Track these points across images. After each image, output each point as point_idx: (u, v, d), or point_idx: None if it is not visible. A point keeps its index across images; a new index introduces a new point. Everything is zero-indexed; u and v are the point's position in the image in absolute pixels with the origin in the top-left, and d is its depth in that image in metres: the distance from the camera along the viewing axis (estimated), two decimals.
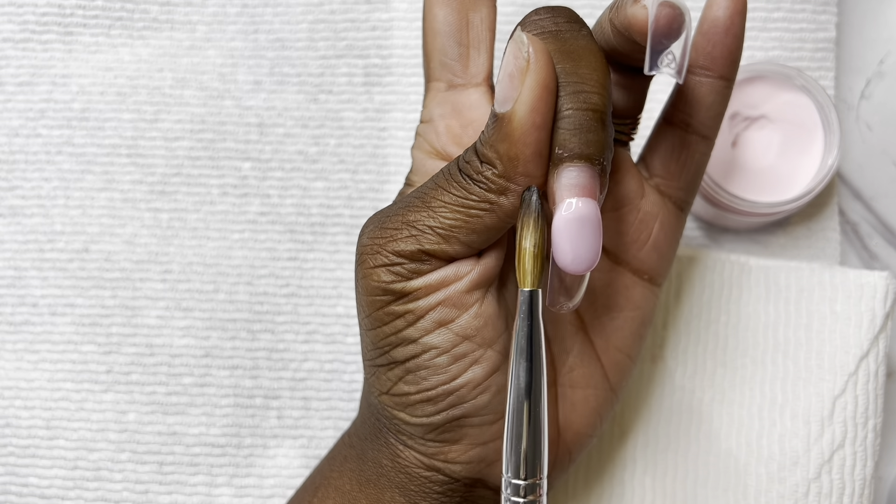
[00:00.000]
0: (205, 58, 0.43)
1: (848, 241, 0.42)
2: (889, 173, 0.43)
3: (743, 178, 0.40)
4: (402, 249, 0.28)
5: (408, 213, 0.28)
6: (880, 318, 0.38)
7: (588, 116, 0.26)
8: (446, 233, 0.27)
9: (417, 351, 0.28)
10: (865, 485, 0.37)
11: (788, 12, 0.42)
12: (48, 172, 0.43)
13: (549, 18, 0.27)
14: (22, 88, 0.43)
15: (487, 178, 0.27)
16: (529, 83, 0.25)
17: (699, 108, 0.31)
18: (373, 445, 0.31)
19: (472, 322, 0.28)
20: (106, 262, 0.42)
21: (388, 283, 0.28)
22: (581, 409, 0.32)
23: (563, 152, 0.26)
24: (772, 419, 0.38)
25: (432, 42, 0.30)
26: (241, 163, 0.43)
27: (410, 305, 0.28)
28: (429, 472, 0.30)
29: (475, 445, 0.30)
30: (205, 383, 0.41)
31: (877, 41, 0.43)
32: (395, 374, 0.29)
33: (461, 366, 0.28)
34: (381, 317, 0.29)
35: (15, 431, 0.41)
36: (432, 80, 0.31)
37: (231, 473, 0.41)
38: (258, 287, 0.42)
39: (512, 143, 0.26)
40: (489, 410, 0.29)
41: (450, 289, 0.28)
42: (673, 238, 0.32)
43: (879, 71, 0.43)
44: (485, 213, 0.27)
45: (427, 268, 0.28)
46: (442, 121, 0.30)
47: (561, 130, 0.26)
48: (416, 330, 0.28)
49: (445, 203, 0.27)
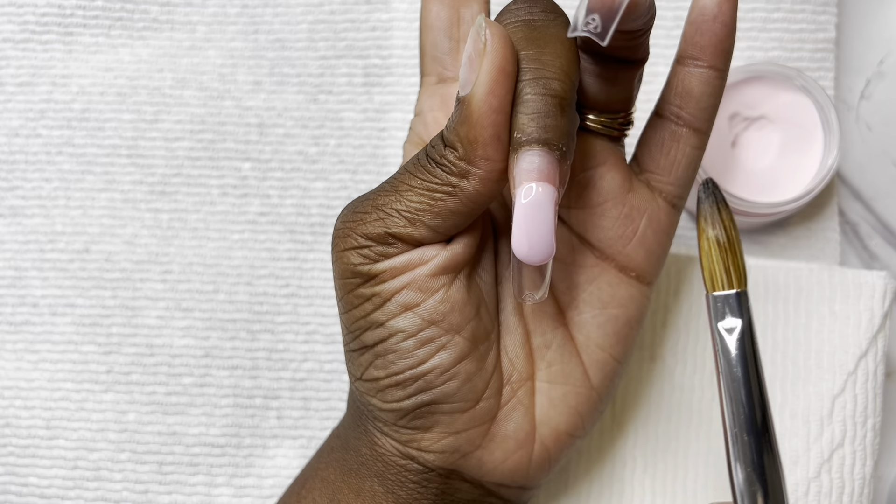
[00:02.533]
0: (205, 58, 0.43)
1: (848, 241, 0.42)
2: (889, 173, 0.43)
3: (743, 179, 0.40)
4: (370, 232, 0.28)
5: (378, 197, 0.29)
6: (879, 318, 0.38)
7: (547, 101, 0.26)
8: (412, 216, 0.28)
9: (385, 335, 0.29)
10: (865, 484, 0.37)
11: (788, 13, 0.42)
12: (48, 173, 0.43)
13: (525, 8, 0.27)
14: (22, 89, 0.43)
15: (449, 161, 0.27)
16: (486, 66, 0.26)
17: (689, 100, 0.30)
18: (355, 434, 0.32)
19: (438, 307, 0.29)
20: (106, 263, 0.42)
21: (357, 265, 0.29)
22: (560, 406, 0.31)
23: (522, 136, 0.26)
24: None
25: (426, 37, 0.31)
26: (241, 163, 0.43)
27: (377, 288, 0.28)
28: (404, 460, 0.30)
29: (447, 434, 0.30)
30: (204, 383, 0.41)
31: (877, 41, 0.43)
32: (366, 358, 0.29)
33: (428, 350, 0.29)
34: (352, 300, 0.29)
35: (15, 431, 0.41)
36: (425, 74, 0.32)
37: (231, 473, 0.41)
38: (258, 287, 0.42)
39: (470, 125, 0.26)
40: (459, 398, 0.29)
41: (415, 272, 0.28)
42: (664, 235, 0.32)
43: (879, 71, 0.43)
44: (448, 197, 0.27)
45: (394, 251, 0.28)
46: (430, 113, 0.31)
47: (520, 115, 0.26)
48: (383, 313, 0.29)
49: (412, 187, 0.28)
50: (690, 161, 0.31)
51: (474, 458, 0.30)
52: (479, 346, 0.30)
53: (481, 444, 0.30)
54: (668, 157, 0.31)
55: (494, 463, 0.31)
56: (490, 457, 0.31)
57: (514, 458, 0.31)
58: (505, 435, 0.31)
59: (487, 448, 0.30)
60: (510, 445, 0.31)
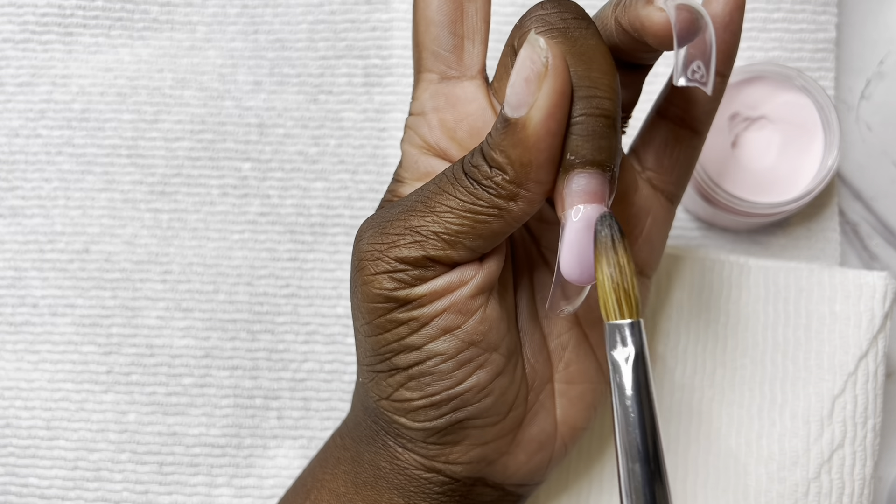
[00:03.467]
0: (205, 58, 0.43)
1: (848, 241, 0.42)
2: (889, 173, 0.43)
3: (743, 179, 0.40)
4: (406, 256, 0.27)
5: (410, 218, 0.27)
6: (879, 318, 0.38)
7: (601, 123, 0.26)
8: (452, 238, 0.27)
9: (421, 357, 0.28)
10: (865, 484, 0.37)
11: (788, 13, 0.42)
12: (48, 173, 0.43)
13: (557, 14, 0.26)
14: (22, 89, 0.43)
15: (497, 183, 0.26)
16: (547, 90, 0.25)
17: (694, 104, 0.31)
18: (369, 448, 0.31)
19: (478, 327, 0.28)
20: (106, 263, 0.42)
21: (391, 290, 0.28)
22: (578, 404, 0.32)
23: (576, 158, 0.26)
24: (771, 419, 0.38)
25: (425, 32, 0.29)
26: (241, 163, 0.43)
27: (415, 313, 0.28)
28: (429, 473, 0.30)
29: (476, 446, 0.30)
30: (205, 384, 0.41)
31: (877, 42, 0.43)
32: (397, 380, 0.29)
33: (466, 371, 0.28)
34: (383, 324, 0.28)
35: (15, 432, 0.41)
36: (424, 70, 0.30)
37: (231, 474, 0.41)
38: (258, 288, 0.42)
39: (526, 148, 0.25)
40: (493, 413, 0.29)
41: (455, 294, 0.28)
42: (664, 231, 0.32)
43: (879, 71, 0.43)
44: (493, 219, 0.27)
45: (431, 274, 0.27)
46: (435, 114, 0.30)
47: (573, 136, 0.26)
48: (421, 337, 0.28)
49: (451, 208, 0.27)
50: (690, 160, 0.32)
51: (500, 464, 0.30)
52: (512, 359, 0.30)
53: (507, 450, 0.30)
54: (670, 158, 0.31)
55: (518, 466, 0.31)
56: (514, 461, 0.31)
57: (536, 459, 0.31)
58: (529, 438, 0.31)
59: (513, 453, 0.30)
60: (533, 448, 0.31)
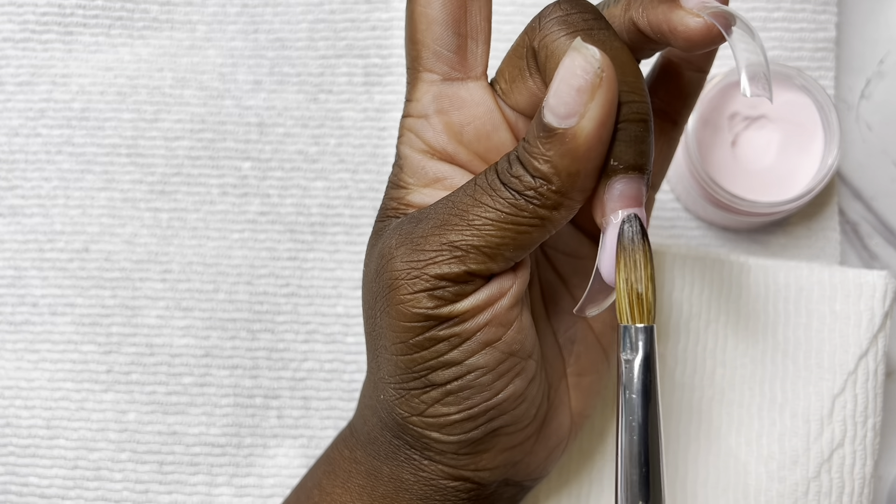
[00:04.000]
0: (205, 57, 0.43)
1: (848, 240, 0.42)
2: (889, 173, 0.43)
3: (743, 178, 0.40)
4: (447, 273, 0.27)
5: (447, 232, 0.27)
6: (879, 318, 0.38)
7: (641, 128, 0.25)
8: (493, 251, 0.26)
9: (462, 372, 0.28)
10: (865, 484, 0.37)
11: (788, 12, 0.42)
12: (48, 172, 0.43)
13: (578, 14, 0.26)
14: (22, 88, 0.43)
15: (542, 193, 0.26)
16: (601, 100, 0.25)
17: (677, 98, 0.31)
18: (389, 463, 0.30)
19: (517, 337, 0.28)
20: (106, 262, 0.42)
21: (431, 308, 0.27)
22: (587, 393, 0.33)
23: (619, 164, 0.25)
24: (771, 418, 0.38)
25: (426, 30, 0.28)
26: (241, 162, 0.43)
27: (457, 329, 0.27)
28: (456, 482, 0.30)
29: (505, 450, 0.29)
30: (205, 383, 0.41)
31: (877, 41, 0.43)
32: (432, 396, 0.28)
33: (504, 381, 0.28)
34: (422, 342, 0.27)
35: (15, 431, 0.41)
36: (423, 70, 0.29)
37: (231, 473, 0.41)
38: (258, 287, 0.42)
39: (575, 158, 0.25)
40: (525, 417, 0.29)
41: (496, 307, 0.27)
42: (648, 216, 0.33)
43: (879, 71, 0.43)
44: (534, 229, 0.26)
45: (471, 288, 0.27)
46: (440, 117, 0.29)
47: (617, 142, 0.25)
48: (461, 352, 0.27)
49: (492, 220, 0.26)
50: (669, 150, 0.32)
51: (523, 463, 0.30)
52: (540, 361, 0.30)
53: (531, 449, 0.30)
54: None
55: (539, 462, 0.31)
56: (536, 458, 0.31)
57: (554, 452, 0.32)
58: (549, 434, 0.31)
59: (534, 451, 0.31)
60: (553, 443, 0.31)
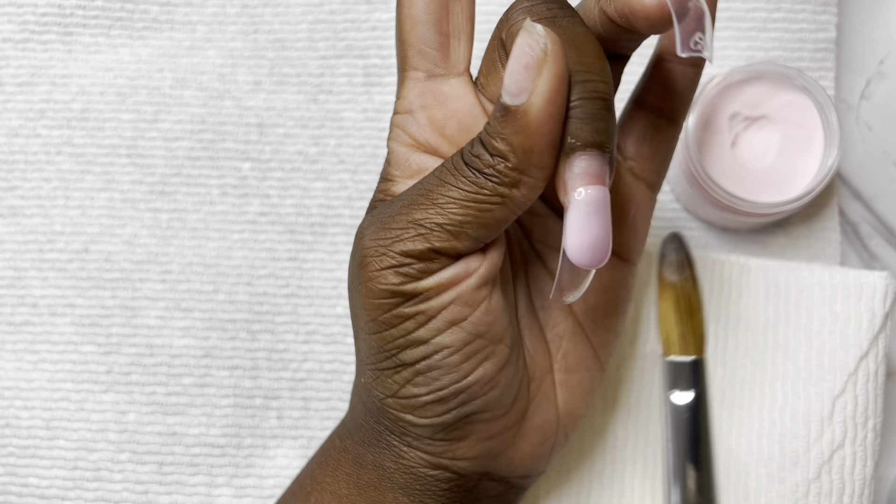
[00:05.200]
0: (205, 58, 0.43)
1: (848, 241, 0.42)
2: (889, 173, 0.43)
3: (743, 179, 0.40)
4: (411, 249, 0.27)
5: (413, 211, 0.28)
6: (880, 318, 0.38)
7: (598, 105, 0.26)
8: (456, 229, 0.27)
9: (429, 352, 0.28)
10: (865, 485, 0.37)
11: (788, 12, 0.42)
12: (48, 173, 0.43)
13: (543, 4, 0.27)
14: (22, 88, 0.43)
15: (500, 171, 0.27)
16: (547, 75, 0.25)
17: (671, 94, 0.31)
18: (372, 449, 0.31)
19: (484, 318, 0.28)
20: (106, 263, 0.42)
21: (397, 284, 0.28)
22: (577, 392, 0.32)
23: (576, 141, 0.26)
24: (771, 419, 0.38)
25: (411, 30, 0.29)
26: (240, 163, 0.43)
27: (422, 306, 0.28)
28: (435, 470, 0.30)
29: (483, 440, 0.30)
30: (204, 384, 0.41)
31: (877, 41, 0.43)
32: (403, 376, 0.29)
33: (473, 363, 0.28)
34: (389, 320, 0.28)
35: (15, 432, 0.41)
36: (409, 68, 0.30)
37: (231, 474, 0.41)
38: (258, 287, 0.42)
39: (528, 135, 0.26)
40: (499, 405, 0.29)
41: (461, 286, 0.28)
42: (647, 218, 0.33)
43: (879, 71, 0.43)
44: (496, 207, 0.27)
45: (436, 266, 0.28)
46: (423, 111, 0.30)
47: (573, 120, 0.26)
48: (428, 330, 0.28)
49: (454, 199, 0.27)
50: (668, 148, 0.32)
51: (505, 457, 0.31)
52: (515, 350, 0.30)
53: (513, 443, 0.31)
54: (650, 147, 0.32)
55: (522, 458, 0.31)
56: (518, 453, 0.31)
57: (540, 450, 0.31)
58: (532, 429, 0.31)
59: (517, 446, 0.31)
60: (537, 439, 0.31)
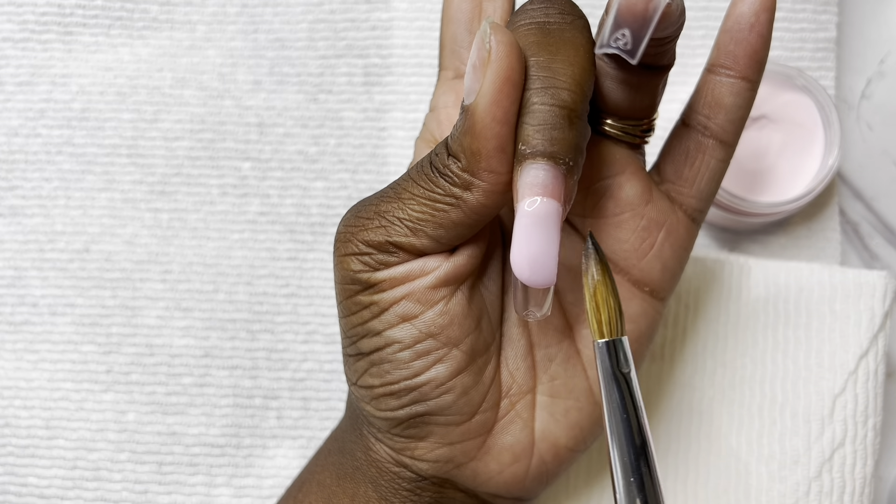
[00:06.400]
0: (204, 58, 0.43)
1: (848, 240, 0.42)
2: (889, 173, 0.43)
3: (743, 178, 0.40)
4: (371, 239, 0.27)
5: (381, 203, 0.28)
6: (879, 317, 0.38)
7: (555, 113, 0.25)
8: (414, 225, 0.27)
9: (381, 344, 0.28)
10: (866, 483, 0.37)
11: (789, 12, 0.42)
12: (48, 172, 0.43)
13: (541, 9, 0.26)
14: (22, 88, 0.43)
15: (453, 171, 0.26)
16: (490, 76, 0.24)
17: (718, 110, 0.29)
18: (351, 437, 0.31)
19: (437, 319, 0.28)
20: (106, 263, 0.42)
21: (356, 272, 0.28)
22: (561, 421, 0.30)
23: (527, 148, 0.25)
24: (772, 418, 0.38)
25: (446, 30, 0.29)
26: (240, 163, 0.43)
27: (375, 297, 0.28)
28: (397, 467, 0.30)
29: (442, 445, 0.29)
30: (204, 383, 0.41)
31: (877, 41, 0.43)
32: (362, 365, 0.29)
33: (424, 363, 0.28)
34: (350, 306, 0.28)
35: (14, 431, 0.41)
36: (442, 67, 0.30)
37: (230, 474, 0.41)
38: (258, 287, 0.42)
39: (474, 136, 0.25)
40: (454, 411, 0.29)
41: (414, 283, 0.28)
42: (681, 250, 0.30)
43: (880, 71, 0.43)
44: (450, 208, 0.26)
45: (395, 260, 0.28)
46: (444, 109, 0.30)
47: (525, 126, 0.25)
48: (381, 322, 0.28)
49: (414, 195, 0.27)
50: (714, 174, 0.30)
51: (469, 468, 0.30)
52: (478, 359, 0.29)
53: (476, 455, 0.30)
54: (691, 169, 0.30)
55: (489, 474, 0.30)
56: (485, 468, 0.30)
57: (510, 470, 0.30)
58: (501, 447, 0.30)
59: (482, 460, 0.30)
60: (506, 458, 0.30)
